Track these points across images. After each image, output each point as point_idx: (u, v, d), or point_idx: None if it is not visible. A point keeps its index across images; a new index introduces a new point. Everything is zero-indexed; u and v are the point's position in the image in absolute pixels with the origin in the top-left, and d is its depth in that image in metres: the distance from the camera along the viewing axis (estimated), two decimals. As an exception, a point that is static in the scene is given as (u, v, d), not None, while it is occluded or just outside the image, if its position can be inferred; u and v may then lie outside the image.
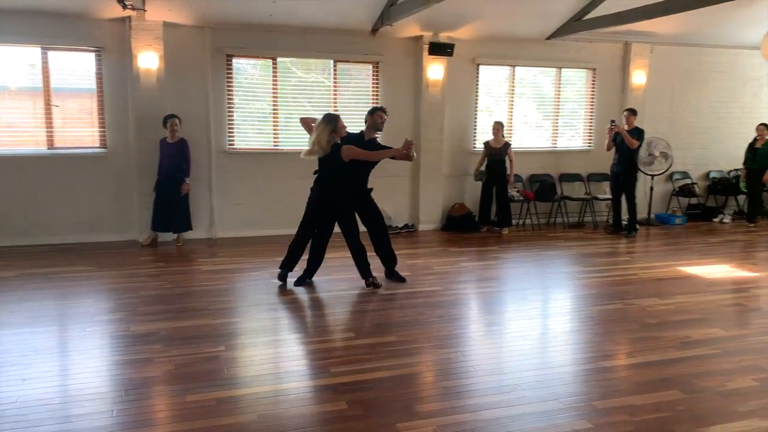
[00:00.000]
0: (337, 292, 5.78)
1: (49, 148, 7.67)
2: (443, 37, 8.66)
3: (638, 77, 9.72)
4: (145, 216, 7.78)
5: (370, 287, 5.82)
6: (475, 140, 9.28)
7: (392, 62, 8.73)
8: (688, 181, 10.32)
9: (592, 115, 9.87)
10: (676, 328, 4.86)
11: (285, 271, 5.96)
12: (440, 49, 8.55)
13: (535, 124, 9.90)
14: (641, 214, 9.59)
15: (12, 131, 7.62)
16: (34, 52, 7.49)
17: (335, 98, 8.61)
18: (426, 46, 8.57)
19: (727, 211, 10.36)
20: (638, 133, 8.66)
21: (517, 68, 9.40)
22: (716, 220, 10.08)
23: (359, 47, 8.51)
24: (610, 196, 9.27)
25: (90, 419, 3.28)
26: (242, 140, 8.38)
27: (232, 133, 8.27)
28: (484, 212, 9.00)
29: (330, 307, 5.41)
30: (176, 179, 7.60)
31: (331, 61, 8.51)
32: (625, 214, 9.09)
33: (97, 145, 7.83)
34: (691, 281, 6.37)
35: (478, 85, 9.24)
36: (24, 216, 7.62)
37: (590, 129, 9.91)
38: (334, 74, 8.56)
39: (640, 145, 8.71)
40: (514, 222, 9.41)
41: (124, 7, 6.89)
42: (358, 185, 5.97)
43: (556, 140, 9.84)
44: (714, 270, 6.84)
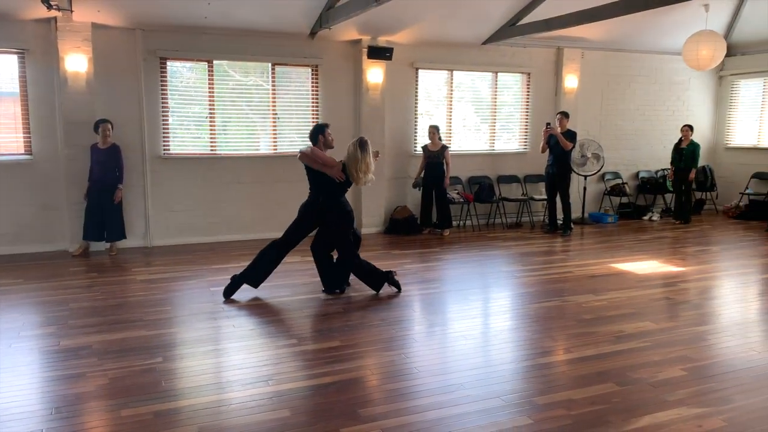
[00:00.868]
0: (278, 299, 5.70)
1: (-32, 155, 7.28)
2: (382, 41, 8.71)
3: (570, 81, 10.04)
4: (75, 225, 7.48)
5: (392, 287, 5.86)
6: (415, 143, 9.36)
7: (331, 66, 8.70)
8: (619, 181, 10.72)
9: (527, 118, 10.12)
10: (610, 323, 5.02)
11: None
12: (379, 53, 8.59)
13: (474, 128, 10.06)
14: (575, 213, 9.90)
15: (-73, 137, 7.19)
16: (-50, 53, 7.09)
17: (274, 102, 8.52)
18: (365, 50, 8.60)
19: (656, 209, 10.82)
20: (571, 136, 8.94)
21: (455, 72, 9.54)
22: (646, 218, 10.51)
23: (298, 50, 8.45)
24: (545, 197, 9.52)
25: (16, 440, 3.10)
26: (178, 145, 8.16)
27: (167, 137, 8.06)
28: (425, 214, 9.09)
29: (272, 314, 5.32)
30: (109, 186, 7.34)
31: (269, 64, 8.41)
32: (560, 214, 9.35)
33: (22, 151, 7.47)
34: (623, 277, 6.59)
35: (417, 88, 9.33)
36: (-59, 227, 7.20)
37: (526, 132, 10.17)
38: (273, 77, 8.47)
39: (573, 147, 8.99)
40: (454, 223, 9.54)
41: (49, 7, 6.60)
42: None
43: (494, 143, 10.04)
44: (644, 266, 7.11)
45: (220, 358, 4.32)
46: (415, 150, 9.30)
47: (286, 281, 6.20)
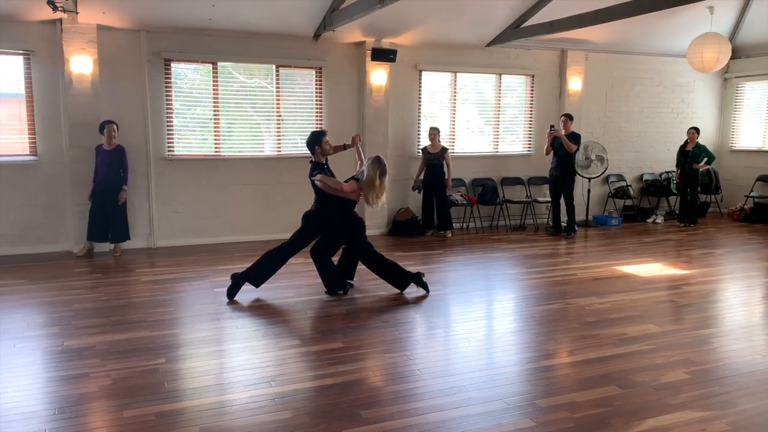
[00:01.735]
0: (281, 300, 5.70)
1: (-26, 156, 7.31)
2: (385, 43, 8.72)
3: (574, 83, 10.03)
4: (79, 226, 7.50)
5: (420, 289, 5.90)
6: (419, 145, 9.37)
7: (335, 68, 8.71)
8: (623, 184, 10.70)
9: (531, 121, 10.11)
10: (613, 326, 5.01)
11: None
12: (383, 55, 8.60)
13: (477, 130, 10.06)
14: (579, 215, 9.88)
15: (-67, 138, 7.22)
16: (-44, 55, 7.13)
17: (278, 103, 8.53)
18: (368, 52, 8.60)
19: (660, 212, 10.79)
20: (575, 138, 8.92)
21: (458, 74, 9.54)
22: (650, 220, 10.48)
23: (301, 52, 8.46)
24: (549, 199, 9.51)
25: (19, 440, 3.11)
26: (182, 146, 8.18)
27: (172, 139, 8.07)
28: (427, 216, 9.08)
29: (275, 315, 5.33)
30: (113, 187, 7.36)
31: (273, 66, 8.43)
32: (564, 216, 9.34)
33: (27, 152, 7.49)
34: (627, 280, 6.58)
35: (421, 90, 9.33)
36: (-53, 228, 7.23)
37: (530, 134, 10.15)
38: (277, 79, 8.48)
39: (577, 149, 8.98)
40: (458, 225, 9.54)
41: (55, 9, 6.62)
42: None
43: (498, 145, 10.03)
44: (648, 268, 7.09)
45: (223, 359, 4.33)
46: (418, 152, 9.30)
47: (290, 282, 6.20)
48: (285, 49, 8.37)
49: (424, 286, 5.92)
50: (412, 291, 5.96)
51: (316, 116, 8.75)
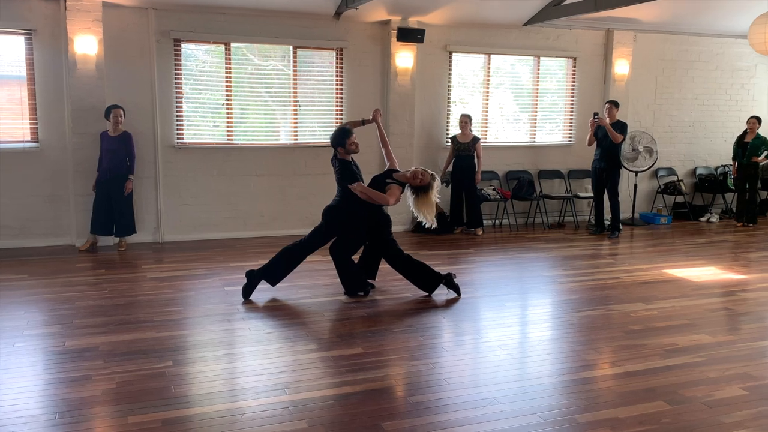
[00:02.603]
0: (297, 301, 5.74)
1: (-28, 143, 7.48)
2: (413, 22, 8.69)
3: (621, 67, 9.90)
4: (83, 218, 7.63)
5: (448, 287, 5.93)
6: (448, 134, 9.34)
7: (357, 49, 8.72)
8: (674, 178, 10.55)
9: (572, 108, 10.01)
10: (661, 335, 4.96)
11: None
12: (409, 35, 8.57)
13: (513, 117, 9.99)
14: (625, 213, 9.76)
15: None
16: (-45, 34, 7.29)
17: (295, 88, 8.57)
18: (394, 32, 8.59)
19: (715, 210, 10.62)
20: (621, 127, 8.82)
21: (492, 56, 9.48)
22: (703, 219, 10.32)
23: (321, 32, 8.48)
24: (591, 195, 9.42)
25: (18, 446, 3.19)
26: (192, 134, 8.27)
27: (181, 125, 8.16)
28: (455, 212, 9.06)
29: (290, 317, 5.37)
30: (119, 177, 7.46)
31: (291, 47, 8.46)
32: (607, 214, 9.24)
33: (28, 138, 7.64)
34: (677, 284, 6.50)
35: (450, 74, 9.29)
36: (-56, 219, 7.41)
37: (571, 122, 10.06)
38: (294, 61, 8.52)
39: (623, 140, 8.87)
40: (490, 222, 9.50)
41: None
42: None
43: (535, 134, 9.95)
44: (701, 272, 6.99)
45: (234, 364, 4.37)
46: (447, 142, 9.27)
47: (306, 282, 6.24)
48: (303, 29, 8.40)
49: (456, 289, 5.92)
50: (441, 294, 5.95)
51: (336, 102, 8.77)
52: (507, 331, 5.10)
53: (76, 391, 3.82)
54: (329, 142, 5.91)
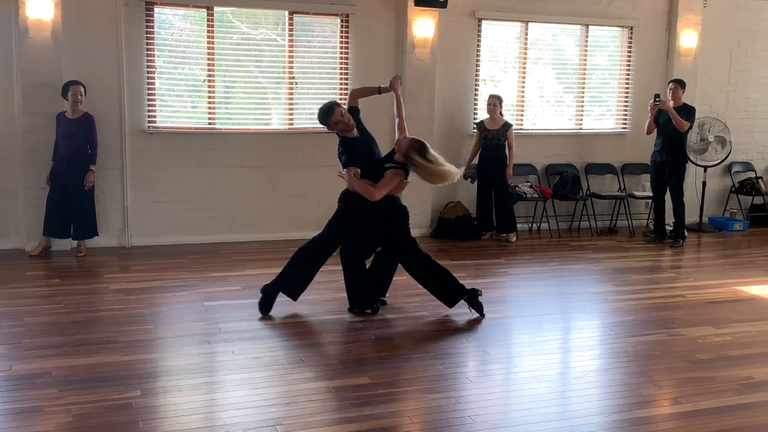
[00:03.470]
0: (292, 320, 5.75)
1: None
2: (434, -18, 8.69)
3: (687, 39, 9.85)
4: (34, 216, 7.66)
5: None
6: (475, 118, 9.33)
7: (367, 15, 8.72)
8: (751, 175, 10.49)
9: (627, 88, 9.97)
10: (734, 366, 4.92)
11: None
12: (430, -2, 8.56)
13: (554, 99, 9.95)
14: (691, 216, 9.71)
15: None
16: None
17: (291, 62, 8.58)
18: (412, -5, 8.59)
19: (801, 214, 10.54)
20: (688, 112, 8.77)
21: (530, 25, 9.47)
22: (787, 225, 10.26)
23: (323, -5, 8.51)
24: (650, 194, 9.38)
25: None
26: (167, 116, 8.31)
27: (153, 106, 8.20)
28: (483, 214, 9.04)
29: (283, 338, 5.38)
30: (78, 167, 7.50)
31: (286, 13, 8.48)
32: (669, 218, 9.19)
33: (-30, 121, 7.72)
34: (755, 305, 6.46)
35: (479, 46, 9.27)
36: None
37: (625, 106, 10.01)
38: (290, 30, 8.53)
39: (690, 128, 8.83)
40: (525, 226, 9.47)
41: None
42: None
43: (581, 120, 9.92)
44: (784, 290, 6.96)
45: (214, 395, 4.38)
46: (474, 129, 9.26)
47: (303, 297, 6.23)
48: (302, -10, 8.43)
49: (478, 308, 5.88)
50: (465, 312, 5.94)
51: (341, 79, 8.78)
52: (545, 359, 5.07)
53: (24, 425, 3.82)
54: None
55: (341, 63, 8.76)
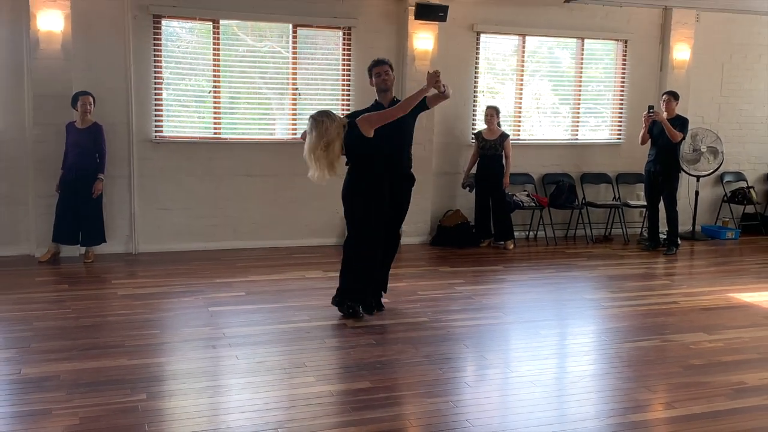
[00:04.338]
0: (293, 325, 5.74)
1: None
2: (434, -4, 8.71)
3: (681, 52, 9.87)
4: (44, 224, 7.66)
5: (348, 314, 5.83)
6: (474, 129, 9.33)
7: (368, 28, 8.74)
8: (743, 185, 10.48)
9: (622, 100, 9.98)
10: (727, 372, 4.91)
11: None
12: (430, 12, 8.58)
13: (551, 110, 9.96)
14: (684, 225, 9.70)
15: None
16: None
17: (295, 73, 8.60)
18: (411, 8, 8.60)
19: (792, 223, 10.53)
20: (681, 123, 8.78)
21: (528, 38, 9.48)
22: (778, 233, 10.25)
23: (326, 8, 8.51)
24: (644, 203, 9.37)
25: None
26: (173, 126, 8.32)
27: (161, 116, 8.21)
28: (481, 222, 9.05)
29: (285, 343, 5.36)
30: (87, 176, 7.50)
31: (290, 26, 8.50)
32: (663, 226, 9.19)
33: (-18, 130, 7.73)
34: (747, 311, 6.45)
35: (478, 59, 9.30)
36: None
37: (620, 117, 10.02)
38: (294, 43, 8.55)
39: (683, 138, 8.83)
40: (522, 234, 9.46)
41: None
42: (394, 167, 5.90)
43: (577, 130, 9.93)
44: (775, 297, 6.95)
45: (218, 398, 4.38)
46: (473, 139, 9.27)
47: (304, 302, 6.24)
48: (305, 4, 8.44)
49: (352, 315, 5.82)
50: (465, 318, 5.92)
51: (343, 90, 8.80)
52: (542, 364, 5.06)
53: (32, 427, 3.82)
54: None
55: (343, 75, 8.78)
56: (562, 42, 9.75)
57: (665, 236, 9.13)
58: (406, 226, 8.96)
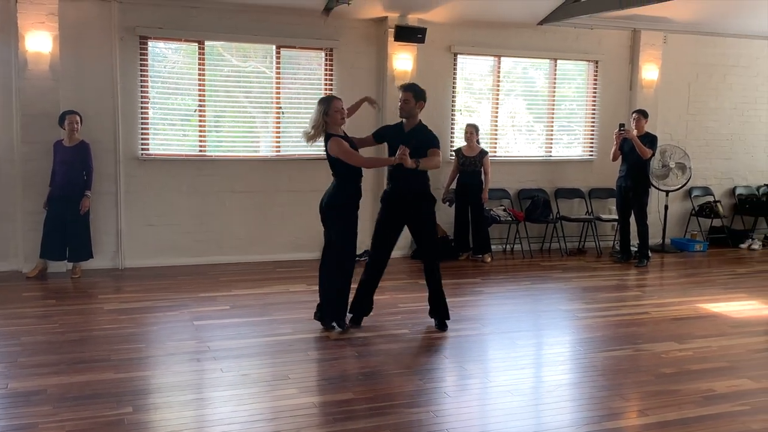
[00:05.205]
0: (277, 338, 5.71)
1: None
2: (412, 19, 8.76)
3: (649, 72, 9.98)
4: (32, 240, 7.59)
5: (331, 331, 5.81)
6: (452, 146, 9.37)
7: (350, 49, 8.78)
8: (710, 199, 10.58)
9: (594, 118, 10.06)
10: (696, 380, 4.94)
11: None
12: (409, 34, 8.63)
13: (526, 128, 10.03)
14: (654, 238, 9.78)
15: None
16: None
17: (278, 93, 8.60)
18: (391, 31, 8.65)
19: (757, 235, 10.64)
20: (651, 140, 8.87)
21: (503, 59, 9.55)
22: (744, 246, 10.34)
23: (308, 30, 8.54)
24: (616, 217, 9.44)
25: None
26: (159, 144, 8.28)
27: (147, 134, 8.17)
28: (460, 236, 9.07)
29: (269, 356, 5.33)
30: (74, 193, 7.45)
31: (274, 47, 8.51)
32: (634, 239, 9.25)
33: (-30, 148, 7.65)
34: (715, 321, 6.49)
35: (455, 79, 9.35)
36: None
37: (592, 134, 10.10)
38: (277, 63, 8.56)
39: (652, 155, 8.91)
40: (499, 248, 9.49)
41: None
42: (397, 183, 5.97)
43: (551, 147, 9.99)
44: (742, 307, 7.00)
45: (203, 410, 4.34)
46: (451, 156, 9.30)
47: (287, 316, 6.21)
48: (288, 26, 8.45)
49: (333, 325, 5.85)
50: (448, 331, 5.93)
51: (325, 109, 8.80)
52: (519, 373, 5.07)
53: (19, 441, 3.78)
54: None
55: (326, 94, 8.78)
56: (536, 63, 9.83)
57: (636, 249, 9.19)
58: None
